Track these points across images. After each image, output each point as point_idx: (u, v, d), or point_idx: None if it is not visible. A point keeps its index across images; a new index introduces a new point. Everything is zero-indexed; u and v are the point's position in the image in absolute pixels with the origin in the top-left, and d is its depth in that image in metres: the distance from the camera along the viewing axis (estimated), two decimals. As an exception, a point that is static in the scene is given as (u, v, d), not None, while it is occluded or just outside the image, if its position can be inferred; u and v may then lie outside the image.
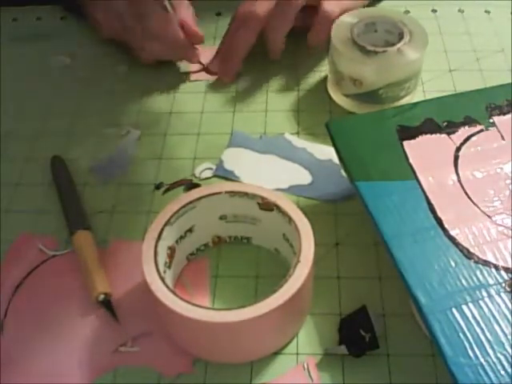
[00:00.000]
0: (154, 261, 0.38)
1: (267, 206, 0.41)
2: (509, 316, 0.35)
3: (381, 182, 0.41)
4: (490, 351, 0.33)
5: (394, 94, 0.53)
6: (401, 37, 0.52)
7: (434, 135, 0.44)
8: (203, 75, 0.59)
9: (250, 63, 0.59)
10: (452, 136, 0.44)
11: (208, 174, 0.50)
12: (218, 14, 0.67)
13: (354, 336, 0.39)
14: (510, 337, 0.34)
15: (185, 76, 0.60)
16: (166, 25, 0.56)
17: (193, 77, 0.59)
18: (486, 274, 0.36)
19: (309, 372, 0.38)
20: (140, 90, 0.58)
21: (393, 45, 0.51)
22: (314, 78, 0.58)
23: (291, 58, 0.60)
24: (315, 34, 0.57)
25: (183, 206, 0.41)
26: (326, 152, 0.51)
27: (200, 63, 0.60)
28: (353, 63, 0.51)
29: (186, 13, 0.58)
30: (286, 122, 0.54)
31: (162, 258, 0.40)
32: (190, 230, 0.43)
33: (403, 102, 0.53)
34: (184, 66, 0.60)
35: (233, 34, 0.57)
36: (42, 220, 0.48)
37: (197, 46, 0.58)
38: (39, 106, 0.58)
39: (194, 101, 0.57)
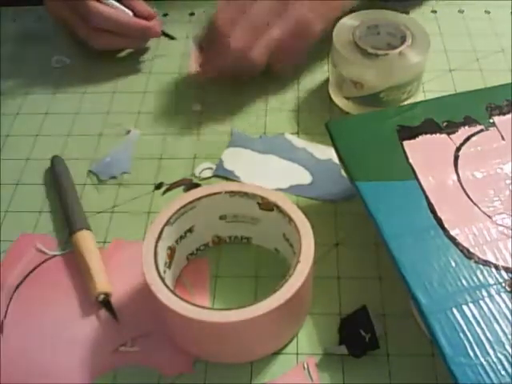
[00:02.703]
0: (154, 261, 0.38)
1: (267, 205, 0.41)
2: (509, 316, 0.35)
3: (381, 182, 0.41)
4: (491, 351, 0.33)
5: (396, 97, 0.52)
6: (403, 40, 0.52)
7: (434, 135, 0.44)
8: (203, 75, 0.59)
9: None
10: (452, 136, 0.44)
11: (208, 173, 0.50)
12: (218, 14, 0.67)
13: (354, 336, 0.39)
14: (510, 337, 0.34)
15: (185, 75, 0.60)
16: (106, 15, 0.56)
17: (193, 77, 0.59)
18: (486, 274, 0.36)
19: (309, 372, 0.38)
20: (140, 90, 0.58)
21: (395, 48, 0.51)
22: (314, 78, 0.58)
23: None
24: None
25: (183, 206, 0.41)
26: (326, 152, 0.51)
27: (164, 33, 0.61)
28: (354, 66, 0.51)
29: None
30: (286, 122, 0.54)
31: (162, 258, 0.40)
32: (190, 230, 0.42)
33: (404, 104, 0.53)
34: (185, 64, 0.61)
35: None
36: (42, 220, 0.48)
37: (147, 23, 0.58)
38: (39, 105, 0.58)
39: (193, 101, 0.57)
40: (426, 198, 0.40)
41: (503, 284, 0.36)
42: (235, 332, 0.36)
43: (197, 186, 0.49)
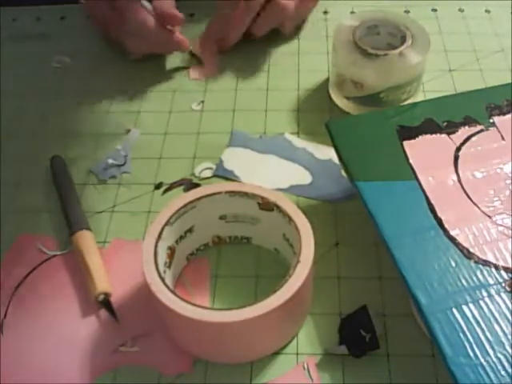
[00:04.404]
0: (154, 261, 0.38)
1: (267, 205, 0.41)
2: (509, 316, 0.35)
3: (381, 182, 0.41)
4: (490, 351, 0.33)
5: (396, 98, 0.52)
6: (403, 40, 0.52)
7: (434, 135, 0.44)
8: (203, 74, 0.60)
9: (250, 62, 0.60)
10: (452, 136, 0.44)
11: (208, 173, 0.50)
12: (218, 14, 0.67)
13: (354, 336, 0.39)
14: (510, 337, 0.34)
15: (184, 75, 0.60)
16: (141, 21, 0.55)
17: (192, 76, 0.60)
18: (486, 274, 0.36)
19: (309, 372, 0.38)
20: (140, 90, 0.58)
21: (395, 48, 0.51)
22: (314, 78, 0.58)
23: (292, 58, 0.61)
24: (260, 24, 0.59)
25: (183, 206, 0.41)
26: (326, 152, 0.51)
27: (193, 54, 0.60)
28: (354, 66, 0.51)
29: None
30: (286, 122, 0.54)
31: (162, 258, 0.40)
32: (190, 230, 0.42)
33: (404, 105, 0.53)
34: (182, 61, 0.61)
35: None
36: (42, 220, 0.48)
37: (179, 35, 0.58)
38: (39, 106, 0.58)
39: (193, 100, 0.57)
40: (426, 198, 0.40)
41: (503, 284, 0.36)
42: (235, 332, 0.36)
43: (197, 186, 0.49)
